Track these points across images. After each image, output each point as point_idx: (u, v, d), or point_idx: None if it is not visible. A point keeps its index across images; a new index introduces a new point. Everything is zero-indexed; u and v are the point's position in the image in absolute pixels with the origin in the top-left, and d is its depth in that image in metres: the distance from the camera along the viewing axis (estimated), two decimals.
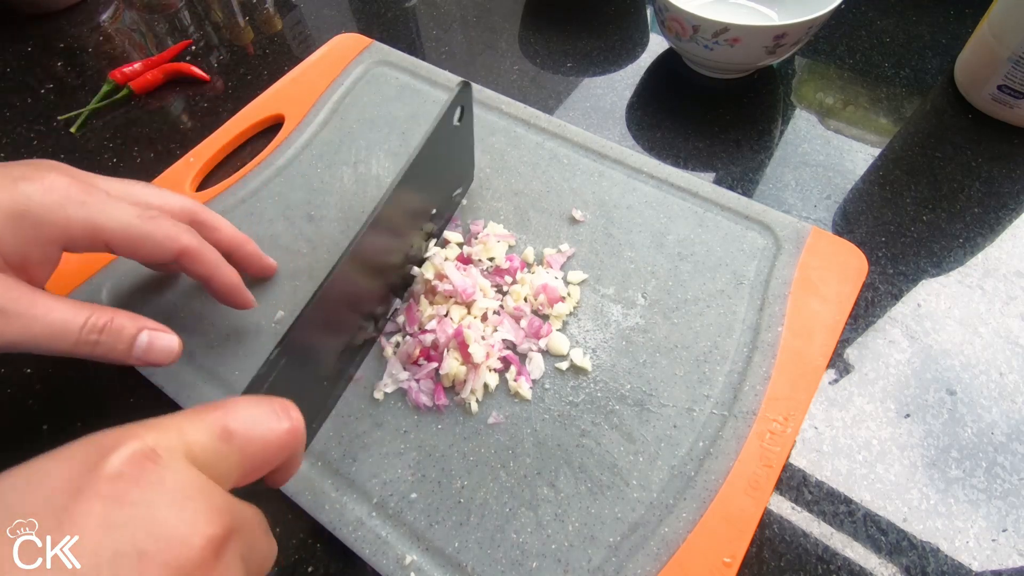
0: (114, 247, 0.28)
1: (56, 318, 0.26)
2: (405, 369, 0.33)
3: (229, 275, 0.32)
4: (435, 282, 0.35)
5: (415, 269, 0.36)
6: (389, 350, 0.34)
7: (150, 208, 0.29)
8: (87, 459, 0.16)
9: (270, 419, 0.20)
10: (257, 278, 0.37)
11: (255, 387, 0.23)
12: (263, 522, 0.20)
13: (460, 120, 0.35)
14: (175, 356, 0.29)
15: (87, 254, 0.38)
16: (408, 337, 0.34)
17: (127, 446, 0.16)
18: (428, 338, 0.33)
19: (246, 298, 0.34)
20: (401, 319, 0.35)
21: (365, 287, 0.31)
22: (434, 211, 0.37)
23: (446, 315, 0.34)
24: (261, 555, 0.20)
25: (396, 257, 0.34)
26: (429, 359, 0.33)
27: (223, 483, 0.18)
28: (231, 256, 0.34)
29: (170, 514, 0.16)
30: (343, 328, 0.30)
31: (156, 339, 0.29)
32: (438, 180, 0.36)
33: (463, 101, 0.34)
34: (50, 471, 0.16)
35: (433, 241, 0.38)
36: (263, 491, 0.23)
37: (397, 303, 0.36)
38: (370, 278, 0.31)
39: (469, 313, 0.35)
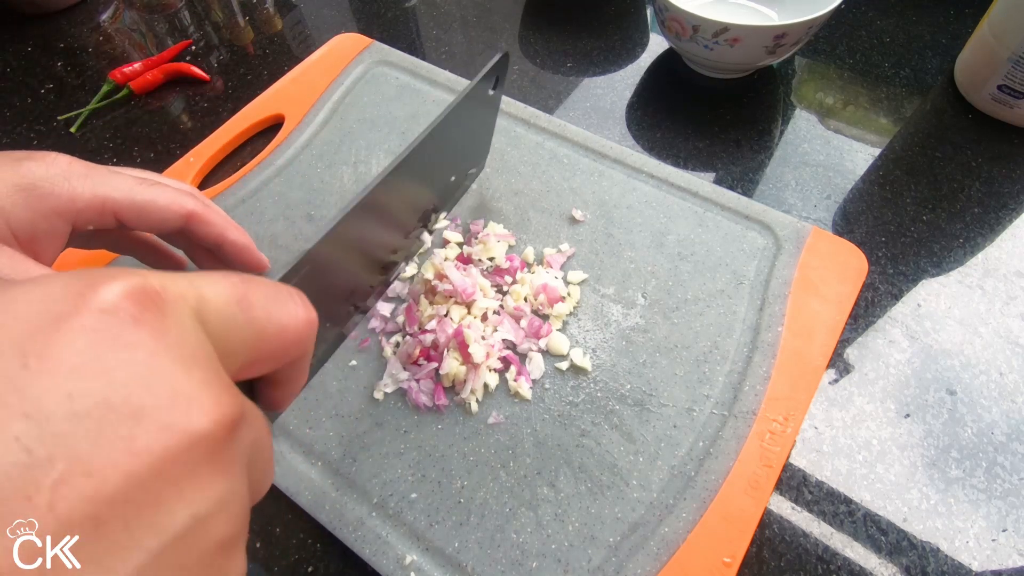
0: (122, 215, 0.28)
1: None
2: (405, 369, 0.33)
3: (240, 235, 0.32)
4: (435, 282, 0.35)
5: (425, 235, 0.37)
6: (389, 350, 0.34)
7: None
8: (71, 288, 0.12)
9: (290, 303, 0.17)
10: (249, 271, 0.37)
11: (288, 279, 0.23)
12: (269, 431, 0.17)
13: (494, 89, 0.35)
14: None
15: (87, 253, 0.38)
16: (408, 337, 0.34)
17: (125, 279, 0.13)
18: (428, 338, 0.33)
19: (260, 258, 0.33)
20: (401, 319, 0.35)
21: (378, 237, 0.31)
22: (453, 179, 0.37)
23: (446, 315, 0.34)
24: (263, 467, 0.16)
25: (409, 218, 0.34)
26: (429, 359, 0.33)
27: (229, 361, 0.15)
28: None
29: (177, 371, 0.12)
30: (352, 272, 0.30)
31: None
32: (461, 150, 0.36)
33: (499, 72, 0.34)
34: (17, 297, 0.12)
35: (443, 214, 0.38)
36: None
37: (402, 268, 0.36)
38: (383, 229, 0.31)
39: (469, 313, 0.35)
